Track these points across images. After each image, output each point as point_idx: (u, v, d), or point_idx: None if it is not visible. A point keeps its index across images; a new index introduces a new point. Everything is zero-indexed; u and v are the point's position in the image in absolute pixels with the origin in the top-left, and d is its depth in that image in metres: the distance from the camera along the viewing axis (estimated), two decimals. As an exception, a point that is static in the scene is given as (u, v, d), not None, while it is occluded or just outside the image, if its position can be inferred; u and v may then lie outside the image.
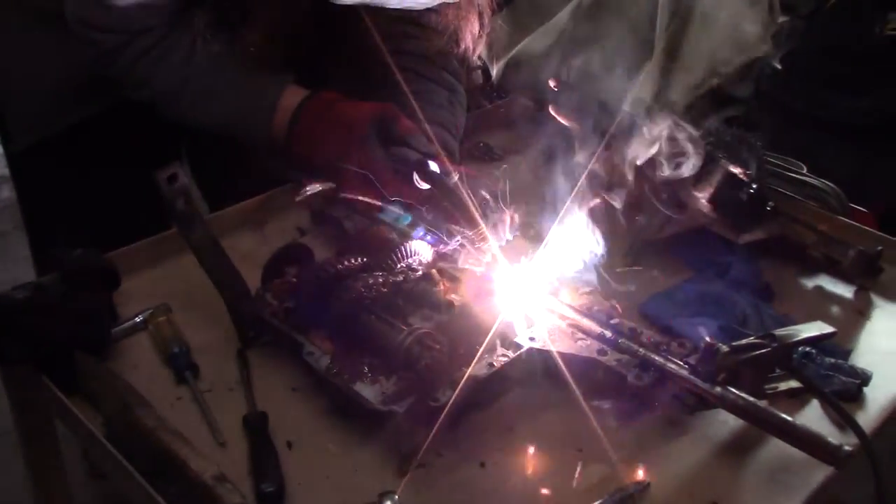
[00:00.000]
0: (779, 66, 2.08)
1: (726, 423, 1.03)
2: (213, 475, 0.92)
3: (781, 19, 2.11)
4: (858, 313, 1.24)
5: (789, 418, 0.96)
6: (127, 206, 1.35)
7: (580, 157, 1.21)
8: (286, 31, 1.31)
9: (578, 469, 0.98)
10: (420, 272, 1.14)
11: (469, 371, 0.99)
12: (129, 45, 1.30)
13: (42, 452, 1.24)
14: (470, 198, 1.21)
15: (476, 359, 1.00)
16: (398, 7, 1.18)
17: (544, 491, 0.96)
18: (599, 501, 0.93)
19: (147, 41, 1.30)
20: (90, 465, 1.38)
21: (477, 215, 1.19)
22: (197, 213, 1.12)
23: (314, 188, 1.28)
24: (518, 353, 1.04)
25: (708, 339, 0.99)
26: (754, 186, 1.24)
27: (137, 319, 1.17)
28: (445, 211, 1.24)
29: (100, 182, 1.46)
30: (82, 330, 1.09)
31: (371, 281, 1.09)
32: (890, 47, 2.10)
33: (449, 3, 1.25)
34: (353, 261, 1.12)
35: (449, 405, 0.97)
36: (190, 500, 0.92)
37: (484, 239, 1.18)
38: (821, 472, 0.96)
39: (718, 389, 0.97)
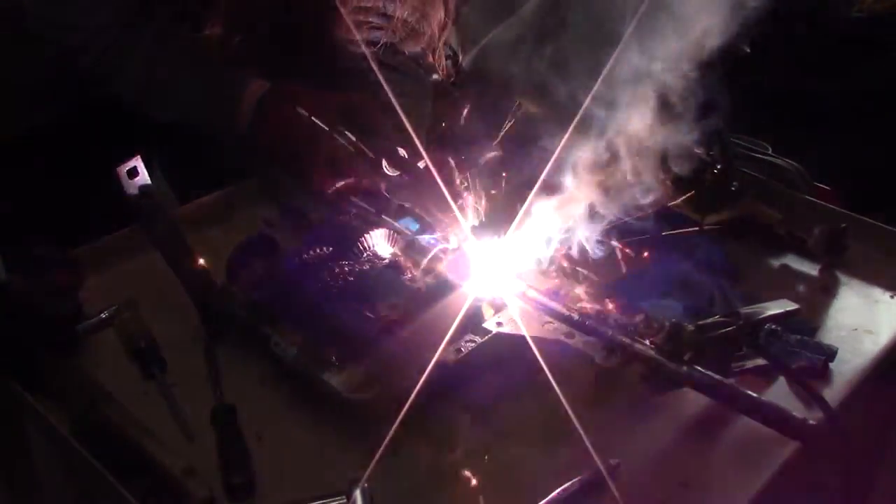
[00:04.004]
0: (747, 49, 2.09)
1: (695, 402, 1.03)
2: (182, 469, 0.92)
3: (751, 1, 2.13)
4: (824, 290, 1.25)
5: (755, 395, 0.97)
6: (95, 204, 1.34)
7: (546, 142, 1.21)
8: (249, 23, 1.30)
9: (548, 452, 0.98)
10: (386, 260, 1.14)
11: (436, 357, 0.99)
12: (91, 42, 1.28)
13: (11, 454, 1.23)
14: (438, 183, 1.21)
15: (444, 345, 1.00)
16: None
17: (515, 475, 0.96)
18: (570, 483, 0.93)
19: (108, 37, 1.28)
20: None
21: (446, 200, 1.19)
22: (159, 206, 1.11)
23: None
24: (486, 338, 1.04)
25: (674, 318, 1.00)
26: (718, 167, 1.24)
27: (103, 315, 1.16)
28: (414, 197, 1.23)
29: (68, 180, 1.44)
30: (47, 328, 1.08)
31: (337, 270, 1.08)
32: (858, 29, 2.12)
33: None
34: (318, 250, 1.12)
35: (417, 392, 0.96)
36: (159, 494, 0.92)
37: (453, 223, 1.18)
38: (788, 448, 0.97)
39: (685, 368, 0.97)
